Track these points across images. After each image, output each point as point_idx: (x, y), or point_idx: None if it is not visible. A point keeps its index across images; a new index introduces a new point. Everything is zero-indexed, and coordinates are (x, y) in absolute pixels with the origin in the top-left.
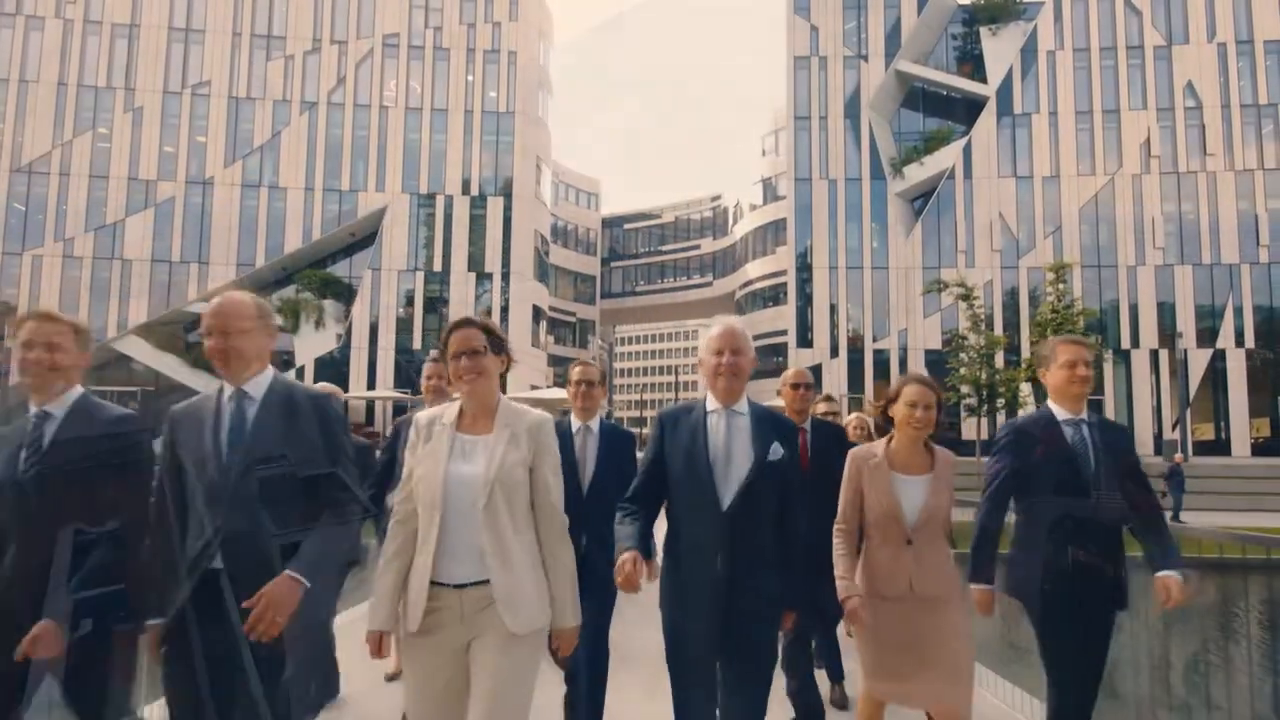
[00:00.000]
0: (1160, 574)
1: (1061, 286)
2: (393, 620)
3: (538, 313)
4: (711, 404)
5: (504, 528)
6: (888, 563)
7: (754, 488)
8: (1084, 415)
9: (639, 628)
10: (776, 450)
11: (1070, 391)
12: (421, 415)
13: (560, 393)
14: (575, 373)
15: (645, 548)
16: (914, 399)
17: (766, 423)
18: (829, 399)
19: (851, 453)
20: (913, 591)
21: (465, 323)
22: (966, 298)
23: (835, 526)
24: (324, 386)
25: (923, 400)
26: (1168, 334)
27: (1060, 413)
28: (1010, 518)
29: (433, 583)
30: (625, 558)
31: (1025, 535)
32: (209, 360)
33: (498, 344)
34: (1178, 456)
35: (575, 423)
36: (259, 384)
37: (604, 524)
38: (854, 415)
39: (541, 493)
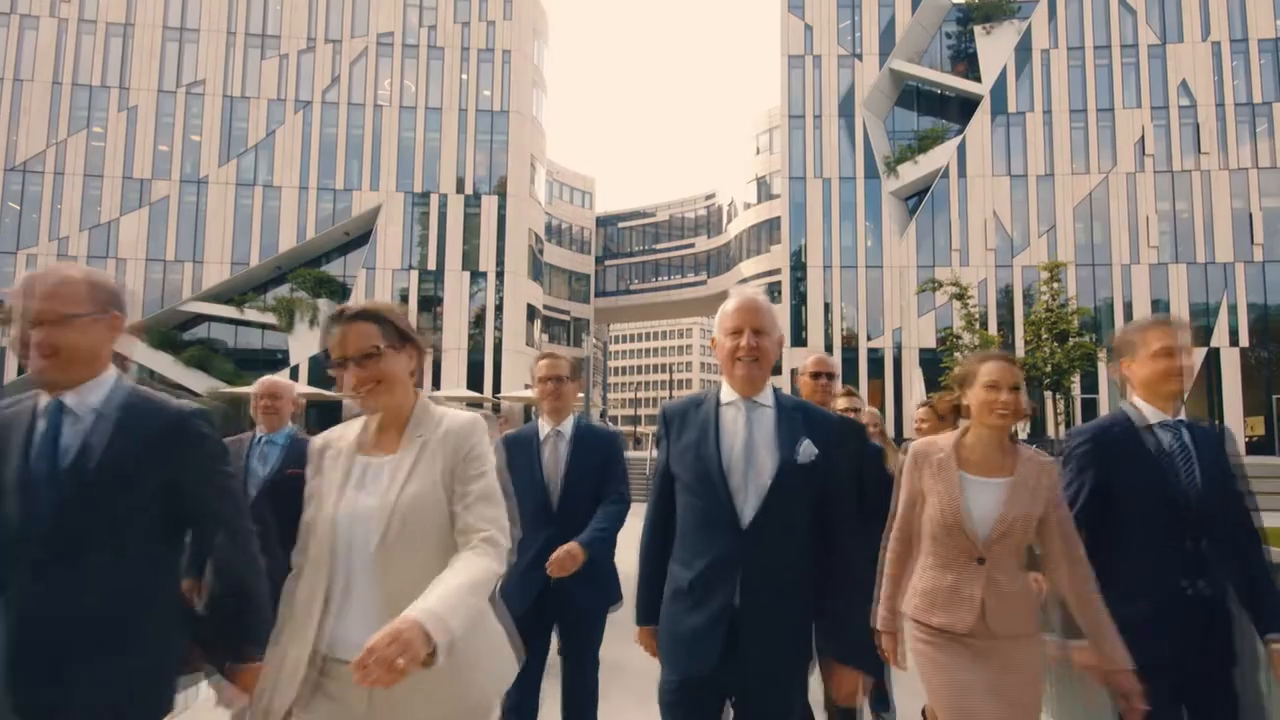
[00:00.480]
0: (1273, 636)
1: (1056, 286)
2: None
3: (532, 311)
4: (727, 394)
5: (407, 576)
6: (951, 588)
7: (780, 499)
8: (1181, 417)
9: (630, 631)
10: (807, 450)
11: (1166, 388)
12: (319, 439)
13: None
14: (542, 367)
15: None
16: (994, 379)
17: (796, 416)
18: (850, 393)
19: (913, 446)
20: (985, 625)
21: (352, 316)
22: (961, 297)
23: (891, 536)
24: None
25: (1006, 380)
26: None
27: (1150, 413)
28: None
29: (332, 660)
30: (645, 640)
31: (1109, 575)
32: (22, 360)
33: (400, 335)
34: None
35: (544, 426)
36: (88, 395)
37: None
38: (865, 411)
39: (460, 505)
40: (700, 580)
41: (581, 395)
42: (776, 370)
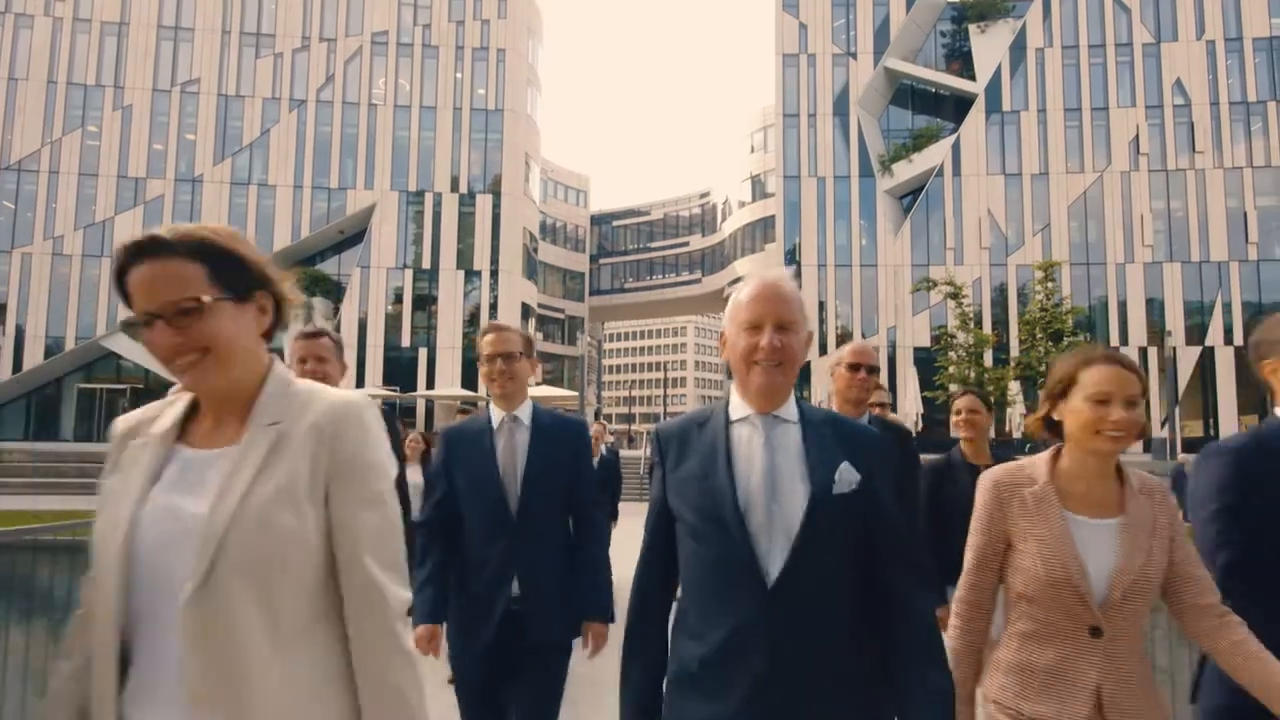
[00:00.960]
0: None
1: (1050, 285)
2: None
3: (526, 310)
4: (739, 409)
5: (242, 632)
6: (1054, 667)
7: (816, 542)
8: None
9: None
10: (847, 475)
11: None
12: (121, 420)
13: (553, 390)
14: (488, 343)
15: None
16: (1106, 390)
17: (825, 431)
18: (878, 386)
19: (988, 475)
20: (1102, 718)
21: (150, 247)
22: (955, 296)
23: (957, 596)
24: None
25: (1122, 392)
26: (1157, 331)
27: None
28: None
29: None
30: None
31: (1262, 627)
32: None
33: (234, 276)
34: (1182, 457)
35: (496, 414)
36: None
37: (545, 567)
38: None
39: (348, 548)
40: (716, 658)
41: (576, 394)
42: None
